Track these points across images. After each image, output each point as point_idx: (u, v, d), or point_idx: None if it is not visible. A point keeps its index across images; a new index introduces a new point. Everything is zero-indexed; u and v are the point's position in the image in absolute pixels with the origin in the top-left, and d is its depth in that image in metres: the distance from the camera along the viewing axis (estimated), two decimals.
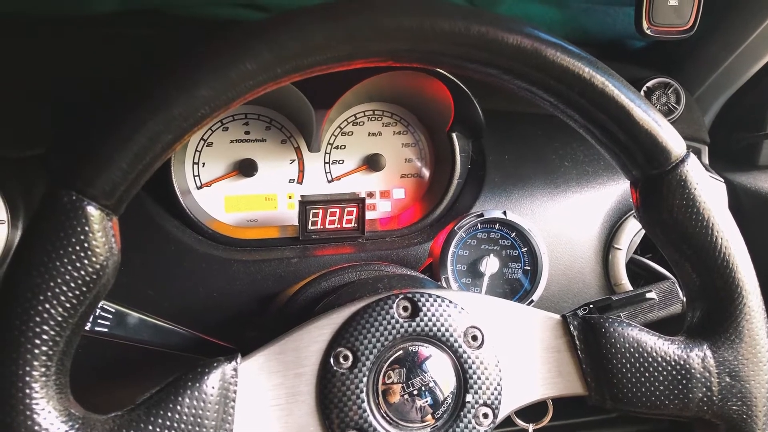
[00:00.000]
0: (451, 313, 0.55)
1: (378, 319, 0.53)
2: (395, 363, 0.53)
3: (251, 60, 0.46)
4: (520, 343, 0.56)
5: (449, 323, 0.55)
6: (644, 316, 0.73)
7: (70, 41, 0.85)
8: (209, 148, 0.92)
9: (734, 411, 0.54)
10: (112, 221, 0.45)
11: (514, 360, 0.56)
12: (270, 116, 0.94)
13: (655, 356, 0.54)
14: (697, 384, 0.54)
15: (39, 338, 0.42)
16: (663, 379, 0.54)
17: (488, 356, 0.55)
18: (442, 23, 0.48)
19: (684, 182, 0.53)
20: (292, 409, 0.51)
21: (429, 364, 0.54)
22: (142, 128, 0.44)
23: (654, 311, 0.74)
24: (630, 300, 0.73)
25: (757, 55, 0.94)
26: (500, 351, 0.55)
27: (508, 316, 0.57)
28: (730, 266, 0.53)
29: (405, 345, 0.54)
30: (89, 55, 0.86)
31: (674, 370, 0.54)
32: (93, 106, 0.82)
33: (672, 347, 0.55)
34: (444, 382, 0.54)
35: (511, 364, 0.56)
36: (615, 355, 0.54)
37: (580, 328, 0.56)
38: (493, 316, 0.56)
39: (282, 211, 0.95)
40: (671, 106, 0.99)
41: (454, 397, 0.54)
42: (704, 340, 0.55)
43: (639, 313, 0.73)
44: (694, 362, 0.54)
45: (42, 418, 0.42)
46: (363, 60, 0.49)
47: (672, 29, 0.78)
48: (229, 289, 0.83)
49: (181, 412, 0.47)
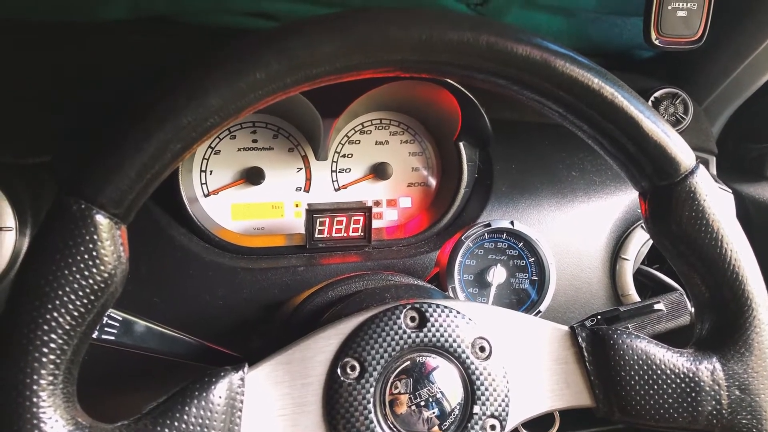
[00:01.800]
0: (459, 324, 0.55)
1: (386, 330, 0.53)
2: (402, 373, 0.53)
3: (261, 70, 0.46)
4: (527, 354, 0.56)
5: (457, 334, 0.54)
6: (652, 327, 0.73)
7: (78, 49, 0.86)
8: (217, 156, 0.92)
9: (744, 425, 0.54)
10: (120, 230, 0.46)
11: (522, 371, 0.56)
12: (277, 125, 0.94)
13: (663, 368, 0.54)
14: (706, 397, 0.54)
15: (47, 346, 0.42)
16: (672, 392, 0.54)
17: (496, 367, 0.55)
18: (451, 34, 0.48)
19: (693, 194, 0.53)
20: (299, 419, 0.51)
21: (436, 374, 0.54)
22: (151, 138, 0.45)
23: (662, 323, 0.73)
24: (638, 311, 0.72)
25: (765, 66, 0.94)
26: (508, 362, 0.55)
27: (516, 326, 0.56)
28: (740, 278, 0.53)
29: (412, 355, 0.54)
30: (97, 62, 0.87)
31: (683, 383, 0.54)
32: (101, 113, 0.83)
33: (681, 359, 0.54)
34: (451, 393, 0.54)
35: (518, 376, 0.55)
36: (623, 366, 0.54)
37: (588, 340, 0.56)
38: (501, 326, 0.56)
39: (289, 219, 0.95)
40: (679, 116, 0.99)
41: (462, 408, 0.54)
42: (713, 352, 0.55)
43: (647, 325, 0.72)
44: (703, 375, 0.54)
45: (49, 426, 0.42)
46: (372, 70, 0.49)
47: (681, 40, 0.78)
48: (235, 297, 0.83)
49: (188, 421, 0.46)
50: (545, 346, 0.56)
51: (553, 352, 0.56)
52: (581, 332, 0.56)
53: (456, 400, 0.54)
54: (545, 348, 0.56)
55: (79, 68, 0.86)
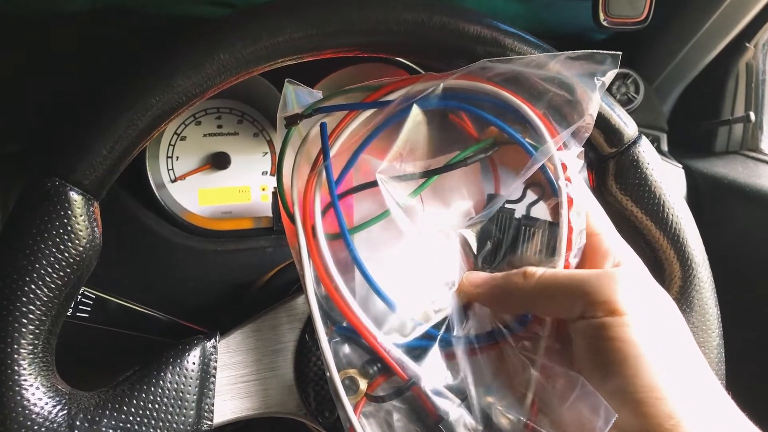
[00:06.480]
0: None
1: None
2: None
3: (225, 50, 0.48)
4: None
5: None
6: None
7: (41, 39, 0.86)
8: (183, 142, 0.93)
9: None
10: (93, 206, 0.48)
11: None
12: (242, 110, 0.95)
13: None
14: None
15: (26, 317, 0.44)
16: None
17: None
18: (406, 14, 0.51)
19: (637, 162, 0.56)
20: (271, 383, 0.54)
21: None
22: (121, 116, 0.47)
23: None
24: None
25: (709, 45, 0.98)
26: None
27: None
28: (681, 240, 0.57)
29: None
30: (61, 53, 0.87)
31: None
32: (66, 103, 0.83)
33: None
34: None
35: None
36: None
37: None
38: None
39: (256, 202, 0.97)
40: (631, 95, 1.03)
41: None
42: None
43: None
44: None
45: (30, 393, 0.44)
46: (332, 50, 0.52)
47: (627, 20, 0.81)
48: (205, 279, 0.85)
49: (163, 386, 0.49)
50: None
51: None
52: None
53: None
54: None
55: (42, 59, 0.86)
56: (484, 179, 0.53)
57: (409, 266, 0.49)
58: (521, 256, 0.49)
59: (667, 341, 0.40)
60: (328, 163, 0.48)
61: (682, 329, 0.43)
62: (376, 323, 0.45)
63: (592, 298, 0.40)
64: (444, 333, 0.46)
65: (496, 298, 0.47)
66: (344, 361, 0.45)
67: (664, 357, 0.39)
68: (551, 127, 0.49)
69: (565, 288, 0.43)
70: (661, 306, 0.43)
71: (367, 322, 0.44)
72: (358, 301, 0.45)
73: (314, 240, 0.47)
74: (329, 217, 0.48)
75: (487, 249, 0.50)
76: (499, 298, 0.47)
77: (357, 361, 0.45)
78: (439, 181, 0.51)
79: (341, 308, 0.45)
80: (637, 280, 0.42)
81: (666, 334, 0.41)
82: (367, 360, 0.45)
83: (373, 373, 0.45)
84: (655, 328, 0.40)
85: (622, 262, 0.47)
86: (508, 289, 0.46)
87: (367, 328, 0.44)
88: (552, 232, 0.48)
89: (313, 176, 0.49)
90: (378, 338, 0.44)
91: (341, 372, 0.44)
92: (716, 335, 0.58)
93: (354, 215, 0.51)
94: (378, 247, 0.49)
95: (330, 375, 0.44)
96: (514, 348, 0.45)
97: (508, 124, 0.49)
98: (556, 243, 0.47)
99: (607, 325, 0.39)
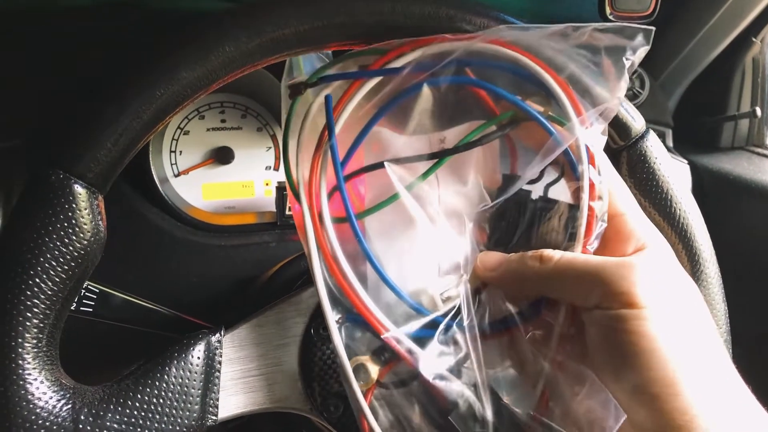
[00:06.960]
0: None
1: None
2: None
3: (230, 43, 0.48)
4: None
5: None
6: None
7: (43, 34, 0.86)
8: (186, 137, 0.93)
9: None
10: (98, 200, 0.47)
11: None
12: (246, 104, 0.95)
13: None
14: None
15: (30, 311, 0.44)
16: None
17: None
18: (414, 6, 0.50)
19: (644, 156, 0.56)
20: (276, 378, 0.53)
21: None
22: (126, 109, 0.46)
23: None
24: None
25: (715, 40, 0.98)
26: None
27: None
28: (689, 235, 0.56)
29: None
30: (64, 48, 0.87)
31: None
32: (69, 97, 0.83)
33: None
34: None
35: None
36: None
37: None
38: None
39: (259, 197, 0.97)
40: (636, 90, 1.03)
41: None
42: None
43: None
44: None
45: (34, 387, 0.44)
46: (336, 42, 0.51)
47: (633, 15, 0.81)
48: (208, 274, 0.84)
49: (168, 381, 0.48)
50: None
51: None
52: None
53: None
54: None
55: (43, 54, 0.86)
56: (501, 156, 0.50)
57: (421, 251, 0.48)
58: (537, 238, 0.47)
59: (686, 334, 0.39)
60: (333, 143, 0.46)
61: (704, 321, 0.42)
62: (386, 311, 0.45)
63: (610, 288, 0.39)
64: (454, 320, 0.45)
65: (510, 280, 0.45)
66: (354, 348, 0.45)
67: (681, 351, 0.38)
68: (576, 104, 0.46)
69: (582, 275, 0.41)
70: (684, 296, 0.42)
71: (376, 311, 0.44)
72: (370, 287, 0.45)
73: (321, 227, 0.46)
74: (339, 198, 0.47)
75: (501, 229, 0.49)
76: (514, 280, 0.45)
77: (367, 348, 0.45)
78: (455, 158, 0.48)
79: (350, 297, 0.44)
80: (658, 268, 0.41)
81: (686, 327, 0.40)
82: (378, 347, 0.45)
83: (384, 360, 0.44)
84: (674, 320, 0.39)
85: (646, 245, 0.44)
86: (523, 272, 0.44)
87: (375, 317, 0.44)
88: (571, 215, 0.46)
89: (318, 156, 0.48)
90: (387, 326, 0.44)
91: (352, 359, 0.44)
92: (723, 330, 0.58)
93: (366, 195, 0.49)
94: (389, 230, 0.47)
95: (340, 361, 0.44)
96: (525, 336, 0.44)
97: (528, 94, 0.46)
98: (574, 227, 0.45)
99: (622, 317, 0.38)
